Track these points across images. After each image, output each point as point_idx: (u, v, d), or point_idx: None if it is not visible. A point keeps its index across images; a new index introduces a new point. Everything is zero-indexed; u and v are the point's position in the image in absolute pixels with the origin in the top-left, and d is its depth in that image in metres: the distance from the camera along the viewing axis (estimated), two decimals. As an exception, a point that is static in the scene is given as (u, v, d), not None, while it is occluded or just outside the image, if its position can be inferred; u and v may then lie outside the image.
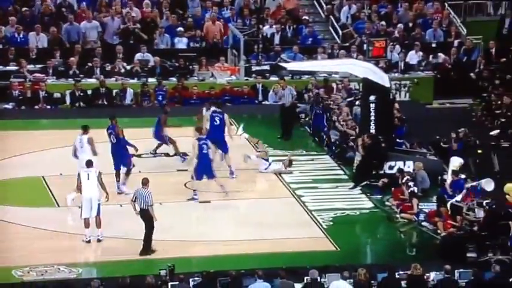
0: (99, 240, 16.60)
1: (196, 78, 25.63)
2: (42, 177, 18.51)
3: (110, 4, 26.67)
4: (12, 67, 24.56)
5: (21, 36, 25.37)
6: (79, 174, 16.69)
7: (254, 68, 25.97)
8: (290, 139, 22.49)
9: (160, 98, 24.69)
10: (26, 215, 17.28)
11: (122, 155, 18.65)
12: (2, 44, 25.14)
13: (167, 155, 20.69)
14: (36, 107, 23.91)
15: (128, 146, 18.87)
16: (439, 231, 17.39)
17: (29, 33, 25.42)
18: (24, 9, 25.83)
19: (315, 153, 21.83)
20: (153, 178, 16.97)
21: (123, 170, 18.59)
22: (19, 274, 15.33)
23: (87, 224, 16.60)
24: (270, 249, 16.77)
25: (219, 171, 19.07)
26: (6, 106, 23.70)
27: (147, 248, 16.23)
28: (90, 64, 25.08)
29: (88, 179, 16.56)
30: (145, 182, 16.35)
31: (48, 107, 24.00)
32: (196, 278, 15.12)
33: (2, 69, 24.44)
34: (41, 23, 25.71)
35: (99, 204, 16.62)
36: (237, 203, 18.85)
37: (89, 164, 16.83)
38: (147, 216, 16.21)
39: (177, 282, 14.95)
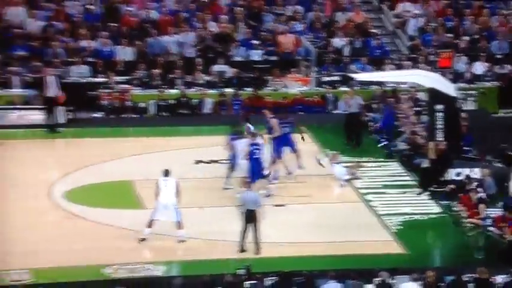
0: (181, 241, 16.77)
1: (270, 88, 25.73)
2: (130, 181, 18.81)
3: (189, 20, 26.94)
4: (101, 79, 24.99)
5: (109, 50, 25.84)
6: (157, 182, 16.78)
7: (324, 79, 25.93)
8: (360, 146, 22.39)
9: (236, 107, 24.85)
10: (115, 216, 17.57)
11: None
12: (92, 57, 25.65)
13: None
14: (123, 115, 24.29)
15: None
16: (505, 236, 17.08)
17: (116, 47, 25.90)
18: (111, 24, 26.26)
19: (383, 160, 21.69)
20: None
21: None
22: (109, 272, 15.60)
23: (150, 225, 16.68)
24: (341, 252, 16.71)
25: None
26: (96, 115, 24.12)
27: (259, 246, 16.25)
28: (171, 75, 25.40)
29: (165, 186, 16.71)
30: (249, 185, 16.50)
31: (134, 115, 24.37)
32: (272, 278, 15.17)
33: (92, 81, 24.87)
34: (127, 37, 26.14)
35: (177, 209, 16.72)
36: (310, 207, 18.81)
37: (166, 173, 16.93)
38: (254, 217, 16.22)
39: (254, 281, 15.05)
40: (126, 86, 24.74)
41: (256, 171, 18.38)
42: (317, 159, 20.21)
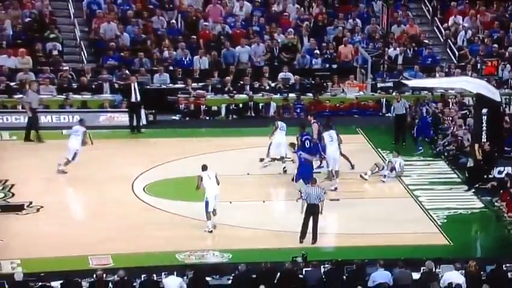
0: (210, 231, 16.51)
1: (329, 93, 25.45)
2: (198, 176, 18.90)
3: (259, 32, 26.87)
4: (179, 85, 25.13)
5: (187, 59, 25.98)
6: (200, 177, 16.63)
7: (379, 85, 25.51)
8: (404, 145, 21.83)
9: (298, 110, 24.66)
10: (188, 207, 17.58)
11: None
12: (172, 66, 25.84)
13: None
14: (198, 118, 24.38)
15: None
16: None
17: (194, 56, 26.01)
18: (192, 37, 26.38)
19: (431, 159, 21.17)
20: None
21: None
22: (182, 257, 15.63)
23: (209, 217, 16.57)
24: (390, 242, 16.38)
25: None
26: (174, 117, 24.22)
27: (316, 237, 16.07)
28: (241, 82, 25.38)
29: (210, 178, 16.61)
30: (314, 182, 16.28)
31: (207, 118, 24.39)
32: (326, 265, 14.97)
33: (172, 87, 25.04)
34: (203, 48, 26.25)
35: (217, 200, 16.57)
36: (362, 201, 18.50)
37: (205, 167, 16.79)
38: (317, 210, 16.02)
39: (310, 268, 14.87)
40: (201, 91, 24.81)
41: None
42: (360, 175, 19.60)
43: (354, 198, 18.50)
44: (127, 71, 24.63)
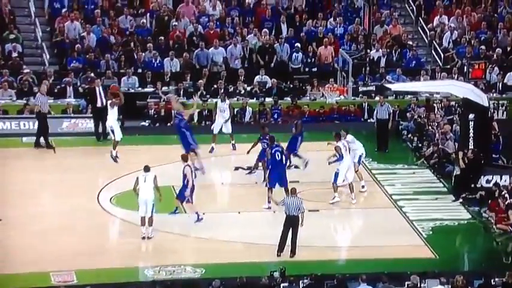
0: (149, 238, 16.51)
1: (308, 98, 25.54)
2: (172, 186, 18.81)
3: (233, 33, 26.91)
4: (149, 89, 25.10)
5: (157, 61, 25.93)
6: (137, 178, 16.68)
7: (361, 89, 25.64)
8: (387, 152, 22.00)
9: (276, 116, 24.70)
10: (158, 220, 17.47)
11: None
12: (142, 69, 25.76)
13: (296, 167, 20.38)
14: (169, 124, 24.18)
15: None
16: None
17: (164, 59, 25.97)
18: (160, 38, 26.35)
19: (416, 167, 21.31)
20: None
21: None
22: (151, 273, 15.52)
23: (142, 222, 16.56)
24: (372, 256, 16.42)
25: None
26: (143, 123, 24.20)
27: (295, 250, 16.04)
28: (215, 86, 25.38)
29: (144, 181, 16.59)
30: (293, 191, 16.25)
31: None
32: (305, 281, 14.97)
33: (141, 91, 24.99)
34: (174, 49, 26.20)
35: (153, 205, 16.59)
36: (343, 212, 18.55)
37: (146, 168, 16.82)
38: (296, 222, 15.97)
39: (288, 284, 14.85)
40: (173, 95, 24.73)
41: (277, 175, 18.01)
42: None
43: (334, 209, 18.55)
44: (92, 74, 24.52)
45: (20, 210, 18.02)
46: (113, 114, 20.44)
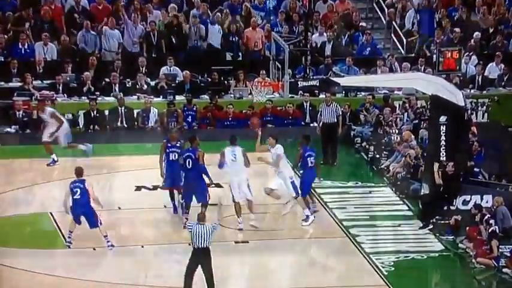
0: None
1: (232, 96, 25.92)
2: (50, 213, 18.79)
3: (129, 8, 27.04)
4: (15, 83, 25.06)
5: (25, 46, 25.90)
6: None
7: (301, 84, 26.12)
8: (337, 165, 22.57)
9: (189, 119, 24.99)
10: (40, 256, 17.53)
11: (198, 184, 18.80)
12: (4, 56, 25.66)
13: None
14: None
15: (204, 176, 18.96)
16: (523, 279, 17.35)
17: (35, 43, 25.94)
18: (30, 15, 26.33)
19: (373, 184, 21.90)
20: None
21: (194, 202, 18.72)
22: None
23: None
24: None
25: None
26: (9, 130, 24.16)
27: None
28: (107, 80, 25.50)
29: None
30: (202, 218, 16.47)
31: (58, 130, 24.39)
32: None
33: (3, 86, 24.93)
34: (49, 31, 26.21)
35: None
36: (279, 243, 18.89)
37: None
38: (207, 256, 16.11)
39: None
40: (48, 92, 24.75)
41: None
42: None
43: (266, 240, 18.84)
44: None
45: None
46: None
